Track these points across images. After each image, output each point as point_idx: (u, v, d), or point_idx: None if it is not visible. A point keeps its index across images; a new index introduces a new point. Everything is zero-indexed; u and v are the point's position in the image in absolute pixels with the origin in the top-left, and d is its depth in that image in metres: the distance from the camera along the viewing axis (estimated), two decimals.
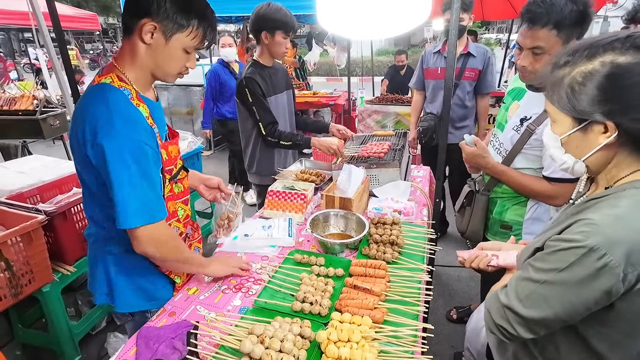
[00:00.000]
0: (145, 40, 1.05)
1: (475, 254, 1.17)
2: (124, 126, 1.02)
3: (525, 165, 1.53)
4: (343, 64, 6.22)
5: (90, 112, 1.03)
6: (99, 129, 1.01)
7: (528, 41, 1.36)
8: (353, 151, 2.16)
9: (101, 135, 1.01)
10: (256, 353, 0.93)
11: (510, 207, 1.64)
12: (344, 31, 1.55)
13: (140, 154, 1.05)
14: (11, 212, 1.87)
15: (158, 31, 1.04)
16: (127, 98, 1.08)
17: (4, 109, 3.47)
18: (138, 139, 1.05)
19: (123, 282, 1.23)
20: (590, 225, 0.75)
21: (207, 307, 1.23)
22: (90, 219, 1.24)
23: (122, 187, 1.03)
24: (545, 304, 0.80)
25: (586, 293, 0.75)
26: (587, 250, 0.73)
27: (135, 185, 1.04)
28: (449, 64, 1.68)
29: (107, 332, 2.23)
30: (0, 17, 6.65)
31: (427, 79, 3.09)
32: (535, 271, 0.82)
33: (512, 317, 0.84)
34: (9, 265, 1.72)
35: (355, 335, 1.00)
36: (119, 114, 1.03)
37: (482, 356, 1.23)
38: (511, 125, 1.58)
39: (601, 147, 0.79)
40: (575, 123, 0.81)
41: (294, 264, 1.43)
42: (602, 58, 0.75)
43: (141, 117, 1.09)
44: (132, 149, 1.03)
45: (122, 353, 1.05)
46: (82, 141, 1.04)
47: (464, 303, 2.60)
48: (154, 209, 1.10)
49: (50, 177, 2.30)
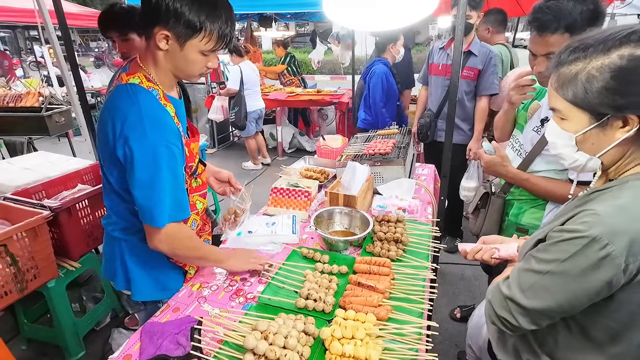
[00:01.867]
0: (161, 47, 1.06)
1: (479, 247, 1.16)
2: (154, 128, 1.06)
3: (545, 167, 1.48)
4: (347, 62, 6.20)
5: (122, 112, 1.06)
6: (130, 130, 1.04)
7: (540, 48, 1.32)
8: (357, 149, 2.16)
9: (133, 138, 1.04)
10: (260, 349, 0.93)
11: (527, 210, 1.59)
12: (349, 22, 1.54)
13: (169, 155, 1.09)
14: (17, 207, 1.88)
15: (172, 38, 1.05)
16: (156, 99, 1.11)
17: (10, 106, 3.50)
18: (167, 141, 1.08)
19: (140, 272, 1.28)
20: (592, 216, 0.75)
21: (211, 304, 1.23)
22: (110, 209, 1.27)
23: (152, 187, 1.07)
24: (547, 294, 0.80)
25: (588, 283, 0.75)
26: (590, 240, 0.73)
27: (163, 186, 1.08)
28: (454, 61, 1.67)
29: (112, 328, 2.25)
30: (7, 15, 6.68)
31: (430, 74, 3.03)
32: (538, 262, 0.82)
33: (514, 308, 0.84)
34: (14, 261, 1.73)
35: (359, 333, 1.00)
36: (150, 116, 1.06)
37: (484, 352, 1.22)
38: (531, 126, 1.53)
39: (619, 142, 0.78)
40: (592, 119, 0.79)
41: (298, 260, 1.43)
42: (619, 51, 0.74)
43: (169, 118, 1.12)
44: (162, 151, 1.07)
45: (126, 348, 1.06)
46: (112, 140, 1.07)
47: (468, 302, 2.59)
48: (179, 209, 1.15)
49: (55, 174, 2.31)
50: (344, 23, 1.71)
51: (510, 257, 1.10)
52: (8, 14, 6.68)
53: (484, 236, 1.24)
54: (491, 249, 1.13)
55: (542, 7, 1.28)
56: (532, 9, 1.32)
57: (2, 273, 1.70)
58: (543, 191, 1.48)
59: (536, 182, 1.48)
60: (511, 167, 1.55)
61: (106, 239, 1.34)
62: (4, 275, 1.70)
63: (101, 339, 2.25)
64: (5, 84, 4.21)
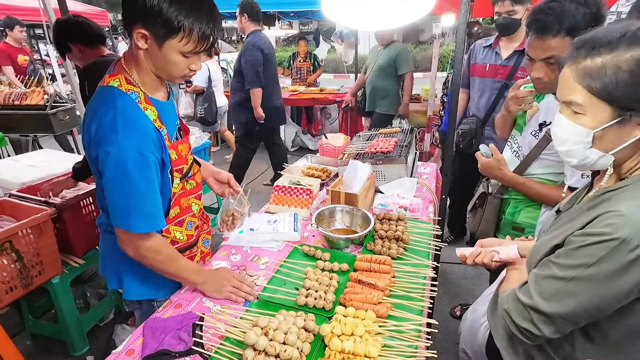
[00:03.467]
0: (140, 46, 1.04)
1: (478, 251, 1.14)
2: (127, 134, 1.03)
3: (542, 171, 1.48)
4: (350, 60, 6.21)
5: (98, 116, 1.05)
6: (104, 135, 1.03)
7: (539, 52, 1.26)
8: (359, 148, 2.16)
9: (105, 142, 1.03)
10: (260, 345, 0.94)
11: (523, 209, 1.59)
12: (347, 21, 1.55)
13: (142, 162, 1.06)
14: (22, 204, 1.90)
15: (150, 38, 1.02)
16: (135, 102, 1.09)
17: (16, 104, 3.53)
18: (140, 147, 1.05)
19: (130, 271, 1.27)
20: (618, 217, 0.72)
21: (213, 300, 1.24)
22: (102, 209, 1.28)
23: (120, 191, 1.07)
24: (573, 301, 0.77)
25: (618, 286, 0.73)
26: (619, 243, 0.70)
27: (131, 191, 1.06)
28: (456, 68, 1.65)
29: (115, 324, 2.27)
30: (12, 13, 6.74)
31: (472, 76, 2.69)
32: (560, 268, 0.79)
33: (536, 317, 0.81)
34: (19, 257, 1.75)
35: (358, 329, 1.00)
36: (124, 121, 1.03)
37: (481, 356, 1.21)
38: (529, 129, 1.52)
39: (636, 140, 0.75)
40: (615, 114, 0.75)
41: (300, 257, 1.44)
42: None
43: (147, 123, 1.09)
44: (133, 157, 1.04)
45: (129, 343, 1.07)
46: (90, 142, 1.07)
47: (469, 301, 2.59)
48: (149, 218, 1.11)
49: (59, 171, 2.33)
50: (341, 21, 1.71)
51: (511, 259, 1.08)
52: (13, 12, 6.74)
53: (480, 239, 1.21)
54: (491, 252, 1.11)
55: (543, 8, 1.23)
56: (533, 10, 1.28)
57: (8, 269, 1.72)
58: (539, 195, 1.48)
59: (532, 187, 1.49)
60: (507, 171, 1.54)
61: (101, 238, 1.34)
62: (9, 271, 1.72)
63: (105, 334, 2.28)
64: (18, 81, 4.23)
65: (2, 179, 2.20)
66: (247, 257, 1.48)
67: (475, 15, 5.92)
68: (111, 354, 1.04)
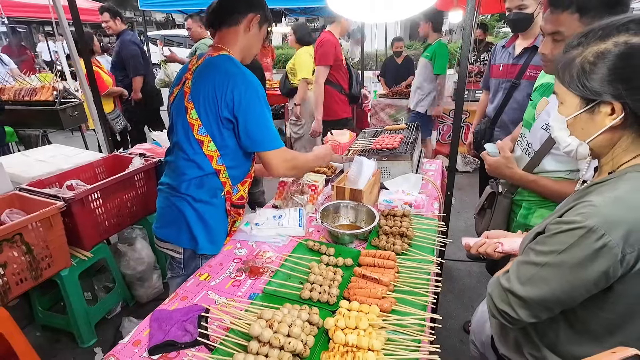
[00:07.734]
0: (250, 29, 1.42)
1: (482, 241, 1.16)
2: (253, 77, 1.34)
3: (555, 167, 1.41)
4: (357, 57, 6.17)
5: (222, 70, 1.33)
6: (238, 82, 1.30)
7: (549, 26, 1.27)
8: (365, 144, 2.16)
9: (242, 86, 1.30)
10: (265, 336, 0.95)
11: (536, 210, 1.51)
12: (352, 13, 1.54)
13: (265, 97, 1.37)
14: (32, 198, 1.93)
15: (259, 22, 1.43)
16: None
17: (25, 100, 3.58)
18: (261, 86, 1.36)
19: (202, 229, 1.45)
20: (589, 207, 0.76)
21: (218, 293, 1.25)
22: (183, 176, 1.42)
23: (264, 119, 1.35)
24: (545, 286, 0.81)
25: (585, 274, 0.76)
26: (586, 231, 0.73)
27: (269, 118, 1.38)
28: (462, 65, 1.65)
29: (122, 317, 2.30)
30: (22, 10, 6.84)
31: (491, 77, 2.62)
32: (536, 254, 0.83)
33: (513, 301, 0.85)
34: (29, 249, 1.78)
35: (362, 323, 1.01)
36: (248, 71, 1.35)
37: (487, 347, 1.22)
38: (539, 123, 1.45)
39: (606, 130, 0.79)
40: (582, 104, 0.81)
41: (304, 252, 1.44)
42: (615, 38, 0.74)
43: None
44: (262, 92, 1.36)
45: (135, 334, 1.09)
46: (217, 95, 1.30)
47: (474, 299, 2.58)
48: (279, 137, 1.42)
49: (68, 166, 2.37)
50: (346, 14, 1.71)
51: (514, 252, 1.10)
52: (23, 9, 6.82)
53: (487, 231, 1.23)
54: (495, 243, 1.13)
55: None
56: None
57: (18, 261, 1.75)
58: (552, 192, 1.41)
59: (545, 184, 1.42)
60: (517, 169, 1.48)
61: (165, 202, 1.50)
62: (19, 263, 1.76)
63: (112, 327, 2.32)
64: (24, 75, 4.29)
65: (12, 173, 2.24)
66: (252, 251, 1.50)
67: (484, 12, 5.87)
68: (118, 344, 1.05)
